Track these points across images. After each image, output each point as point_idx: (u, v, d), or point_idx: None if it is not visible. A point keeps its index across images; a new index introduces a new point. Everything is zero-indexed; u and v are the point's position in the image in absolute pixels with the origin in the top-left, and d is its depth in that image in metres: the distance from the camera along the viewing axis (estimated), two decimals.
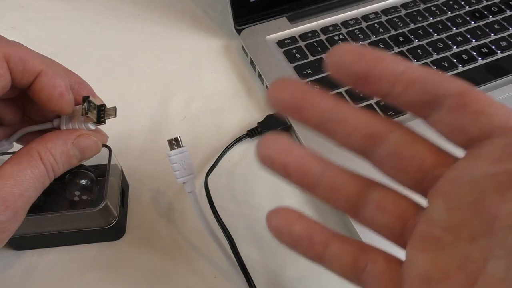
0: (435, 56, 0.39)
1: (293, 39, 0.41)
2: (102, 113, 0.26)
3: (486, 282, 0.15)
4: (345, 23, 0.42)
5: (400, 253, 0.18)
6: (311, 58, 0.39)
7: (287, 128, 0.35)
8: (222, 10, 0.46)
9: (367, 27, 0.42)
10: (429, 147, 0.17)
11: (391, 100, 0.17)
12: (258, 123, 0.36)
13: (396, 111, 0.34)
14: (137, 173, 0.33)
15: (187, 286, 0.28)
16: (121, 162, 0.31)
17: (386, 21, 0.42)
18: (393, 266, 0.18)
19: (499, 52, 0.39)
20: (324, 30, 0.42)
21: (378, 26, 0.42)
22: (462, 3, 0.44)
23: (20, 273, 0.29)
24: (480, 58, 0.39)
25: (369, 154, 0.18)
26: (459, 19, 0.42)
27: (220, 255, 0.28)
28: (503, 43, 0.40)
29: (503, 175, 0.15)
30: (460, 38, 0.40)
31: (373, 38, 0.41)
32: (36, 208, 0.24)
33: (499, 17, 0.42)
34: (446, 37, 0.41)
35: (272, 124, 0.35)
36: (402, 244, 0.18)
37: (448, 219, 0.16)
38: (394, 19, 0.42)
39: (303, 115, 0.18)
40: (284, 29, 0.42)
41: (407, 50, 0.40)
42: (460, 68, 0.38)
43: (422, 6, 0.44)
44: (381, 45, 0.40)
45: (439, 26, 0.42)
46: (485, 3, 0.44)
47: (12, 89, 0.23)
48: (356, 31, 0.41)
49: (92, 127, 0.26)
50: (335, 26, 0.42)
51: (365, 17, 0.43)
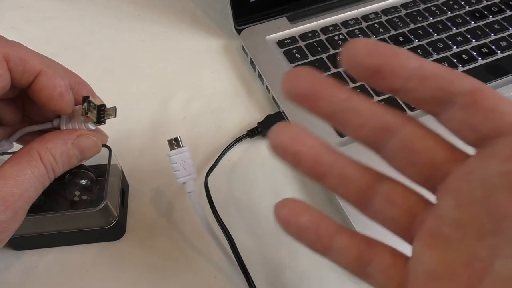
0: (435, 56, 0.39)
1: (293, 39, 0.41)
2: (102, 113, 0.26)
3: (493, 280, 0.15)
4: (345, 23, 0.42)
5: (404, 249, 0.18)
6: (311, 58, 0.39)
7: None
8: (222, 10, 0.46)
9: (367, 27, 0.42)
10: (440, 143, 0.17)
11: (403, 96, 0.17)
12: (258, 123, 0.36)
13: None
14: (137, 173, 0.33)
15: (187, 286, 0.28)
16: (121, 162, 0.31)
17: (386, 21, 0.42)
18: (399, 261, 0.18)
19: (499, 52, 0.39)
20: (324, 30, 0.42)
21: (378, 26, 0.42)
22: (462, 3, 0.44)
23: (20, 273, 0.29)
24: (480, 58, 0.39)
25: (380, 147, 0.18)
26: (459, 19, 0.42)
27: (220, 255, 0.28)
28: (503, 43, 0.40)
29: None
30: (460, 38, 0.40)
31: (373, 38, 0.41)
32: (36, 208, 0.24)
33: (499, 17, 0.42)
34: (446, 37, 0.41)
35: (272, 124, 0.35)
36: (409, 239, 0.18)
37: (457, 216, 0.16)
38: (394, 19, 0.42)
39: (316, 105, 0.18)
40: (284, 29, 0.42)
41: (407, 50, 0.40)
42: (460, 68, 0.38)
43: (422, 6, 0.44)
44: None
45: (439, 26, 0.42)
46: (485, 3, 0.44)
47: (12, 89, 0.23)
48: (356, 31, 0.41)
49: (92, 127, 0.26)
50: (335, 26, 0.42)
51: (365, 17, 0.43)
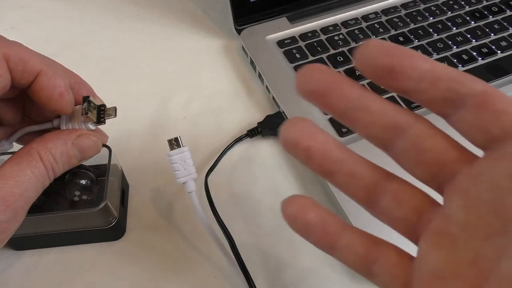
0: (435, 56, 0.39)
1: (293, 39, 0.41)
2: (102, 113, 0.26)
3: (499, 280, 0.15)
4: (345, 23, 0.42)
5: (408, 249, 0.19)
6: (311, 58, 0.39)
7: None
8: (222, 10, 0.46)
9: (367, 27, 0.42)
10: (449, 142, 0.17)
11: (414, 97, 0.17)
12: (258, 123, 0.36)
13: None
14: (137, 173, 0.33)
15: (187, 286, 0.28)
16: (121, 162, 0.31)
17: (386, 21, 0.42)
18: (404, 260, 0.18)
19: (499, 52, 0.39)
20: (324, 30, 0.42)
21: (378, 26, 0.42)
22: (462, 3, 0.44)
23: (20, 273, 0.29)
24: (480, 58, 0.39)
25: (389, 145, 0.18)
26: (459, 19, 0.42)
27: (220, 255, 0.28)
28: (503, 43, 0.40)
29: None
30: (460, 38, 0.40)
31: (373, 38, 0.41)
32: (36, 208, 0.24)
33: (499, 17, 0.42)
34: (446, 37, 0.41)
35: (272, 124, 0.35)
36: (414, 239, 0.18)
37: (464, 216, 0.16)
38: (394, 19, 0.42)
39: (329, 103, 0.18)
40: (284, 29, 0.42)
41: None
42: (460, 68, 0.38)
43: (422, 6, 0.44)
44: None
45: (439, 26, 0.42)
46: (485, 3, 0.44)
47: (12, 89, 0.23)
48: (356, 31, 0.41)
49: (92, 127, 0.26)
50: (335, 26, 0.42)
51: (365, 17, 0.43)
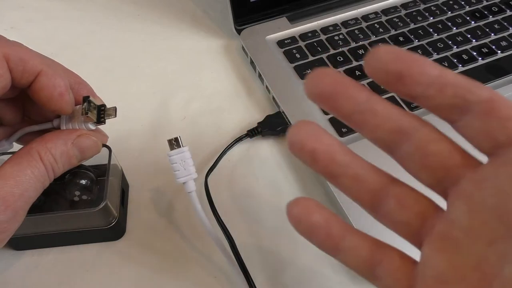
0: (435, 56, 0.39)
1: (293, 39, 0.41)
2: (102, 113, 0.26)
3: (502, 284, 0.15)
4: (345, 23, 0.42)
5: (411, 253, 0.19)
6: (311, 58, 0.39)
7: (287, 128, 0.35)
8: (222, 10, 0.46)
9: (367, 27, 0.42)
10: (454, 147, 0.18)
11: (423, 102, 0.18)
12: (258, 123, 0.36)
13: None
14: (137, 173, 0.33)
15: (187, 286, 0.28)
16: (121, 162, 0.31)
17: (386, 21, 0.42)
18: (407, 264, 0.18)
19: (499, 52, 0.39)
20: (324, 30, 0.42)
21: (378, 26, 0.42)
22: (462, 3, 0.44)
23: (20, 273, 0.29)
24: (480, 58, 0.39)
25: (394, 149, 0.18)
26: (459, 19, 0.42)
27: (220, 255, 0.28)
28: (503, 43, 0.40)
29: None
30: (460, 38, 0.40)
31: (373, 38, 0.41)
32: (36, 208, 0.24)
33: (499, 17, 0.42)
34: (446, 37, 0.41)
35: (272, 124, 0.35)
36: (417, 243, 0.18)
37: (468, 221, 0.16)
38: (394, 19, 0.42)
39: (337, 106, 0.19)
40: (284, 29, 0.42)
41: (407, 50, 0.40)
42: (460, 68, 0.38)
43: (422, 6, 0.44)
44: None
45: (439, 26, 0.42)
46: (485, 3, 0.44)
47: (12, 89, 0.23)
48: (356, 31, 0.41)
49: (92, 127, 0.26)
50: (335, 26, 0.42)
51: (365, 17, 0.43)
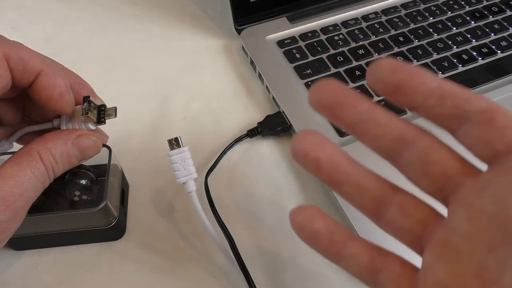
0: (435, 56, 0.39)
1: (293, 39, 0.41)
2: (102, 113, 0.26)
3: None
4: (345, 23, 0.42)
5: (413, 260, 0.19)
6: (311, 58, 0.39)
7: (287, 128, 0.35)
8: (222, 10, 0.46)
9: (367, 27, 0.42)
10: (454, 156, 0.18)
11: (423, 113, 0.18)
12: (258, 123, 0.36)
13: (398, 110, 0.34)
14: (137, 173, 0.33)
15: (187, 286, 0.28)
16: (121, 162, 0.31)
17: (386, 21, 0.42)
18: (409, 271, 0.19)
19: (499, 52, 0.39)
20: (324, 30, 0.42)
21: (378, 26, 0.42)
22: (462, 3, 0.44)
23: (20, 273, 0.29)
24: (480, 58, 0.39)
25: (396, 157, 0.19)
26: (459, 19, 0.42)
27: (220, 255, 0.28)
28: (503, 43, 0.40)
29: None
30: (460, 38, 0.40)
31: (373, 38, 0.41)
32: (36, 208, 0.24)
33: (499, 17, 0.42)
34: (446, 37, 0.41)
35: (272, 124, 0.35)
36: (418, 250, 0.19)
37: (468, 228, 0.17)
38: (394, 19, 0.42)
39: (339, 116, 0.19)
40: (284, 29, 0.42)
41: (407, 50, 0.40)
42: (460, 68, 0.38)
43: (422, 6, 0.44)
44: (381, 45, 0.40)
45: (439, 26, 0.42)
46: (485, 3, 0.44)
47: (12, 89, 0.23)
48: (356, 31, 0.41)
49: (92, 127, 0.26)
50: (335, 26, 0.42)
51: (365, 17, 0.43)
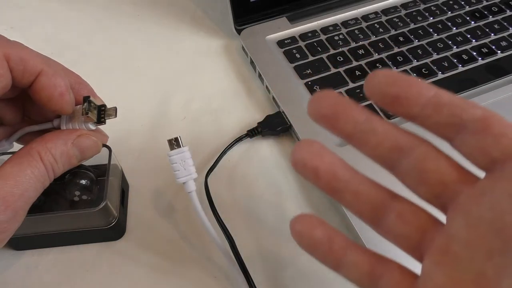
0: (435, 56, 0.39)
1: (293, 39, 0.41)
2: (102, 113, 0.26)
3: None
4: (345, 23, 0.42)
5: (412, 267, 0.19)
6: (311, 58, 0.39)
7: (287, 128, 0.35)
8: (222, 10, 0.46)
9: (367, 27, 0.42)
10: (451, 164, 0.18)
11: (420, 122, 0.18)
12: (258, 123, 0.36)
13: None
14: (137, 173, 0.33)
15: (187, 286, 0.28)
16: (121, 162, 0.31)
17: (386, 21, 0.42)
18: (408, 278, 0.19)
19: (499, 52, 0.39)
20: (324, 30, 0.42)
21: (378, 26, 0.42)
22: (462, 3, 0.44)
23: (20, 273, 0.29)
24: (480, 58, 0.39)
25: (394, 165, 0.19)
26: (459, 19, 0.42)
27: (220, 255, 0.28)
28: (503, 43, 0.40)
29: None
30: (460, 38, 0.40)
31: (373, 38, 0.41)
32: (36, 208, 0.24)
33: (499, 17, 0.42)
34: (446, 37, 0.41)
35: (272, 124, 0.35)
36: (418, 256, 0.19)
37: (466, 235, 0.17)
38: (394, 19, 0.42)
39: (338, 126, 0.19)
40: (284, 29, 0.42)
41: (407, 50, 0.40)
42: (460, 68, 0.38)
43: (422, 6, 0.44)
44: (381, 45, 0.40)
45: (439, 26, 0.42)
46: (485, 3, 0.44)
47: (12, 89, 0.23)
48: (356, 31, 0.41)
49: (92, 127, 0.26)
50: (335, 26, 0.42)
51: (365, 17, 0.43)
